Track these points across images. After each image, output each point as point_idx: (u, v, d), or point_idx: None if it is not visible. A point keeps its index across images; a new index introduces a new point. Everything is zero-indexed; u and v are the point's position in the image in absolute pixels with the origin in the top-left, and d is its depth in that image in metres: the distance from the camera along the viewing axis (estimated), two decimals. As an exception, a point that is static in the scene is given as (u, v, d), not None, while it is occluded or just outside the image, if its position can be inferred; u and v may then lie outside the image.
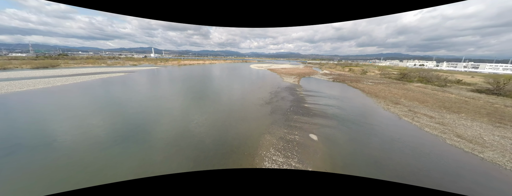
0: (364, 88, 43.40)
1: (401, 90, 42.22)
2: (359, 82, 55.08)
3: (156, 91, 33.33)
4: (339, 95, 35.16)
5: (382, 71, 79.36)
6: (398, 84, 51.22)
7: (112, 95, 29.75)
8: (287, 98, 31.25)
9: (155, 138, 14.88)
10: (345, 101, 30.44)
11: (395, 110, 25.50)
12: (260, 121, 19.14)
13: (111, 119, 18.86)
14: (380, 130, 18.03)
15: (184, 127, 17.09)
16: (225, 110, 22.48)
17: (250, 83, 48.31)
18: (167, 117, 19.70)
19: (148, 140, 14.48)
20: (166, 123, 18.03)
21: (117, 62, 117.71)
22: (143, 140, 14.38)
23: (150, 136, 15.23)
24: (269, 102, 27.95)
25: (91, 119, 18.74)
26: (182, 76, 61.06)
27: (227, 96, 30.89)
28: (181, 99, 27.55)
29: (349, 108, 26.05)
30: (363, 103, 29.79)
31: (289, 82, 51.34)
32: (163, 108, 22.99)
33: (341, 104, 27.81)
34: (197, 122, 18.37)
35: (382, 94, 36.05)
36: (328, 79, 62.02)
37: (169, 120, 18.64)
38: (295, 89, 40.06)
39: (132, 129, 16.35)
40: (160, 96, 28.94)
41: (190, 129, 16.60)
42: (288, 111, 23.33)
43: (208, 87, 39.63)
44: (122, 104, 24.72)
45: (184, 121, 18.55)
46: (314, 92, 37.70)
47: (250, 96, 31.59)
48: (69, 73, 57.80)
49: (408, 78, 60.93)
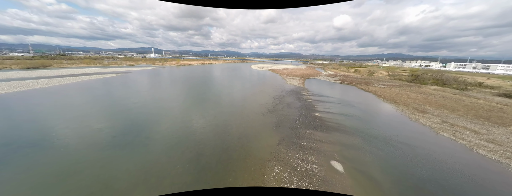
0: (378, 92, 39.07)
1: (419, 94, 37.86)
2: (369, 84, 50.72)
3: (140, 97, 29.20)
4: (352, 100, 30.88)
5: (390, 72, 74.87)
6: (413, 87, 46.83)
7: (86, 102, 25.66)
8: (294, 104, 27.03)
9: (119, 170, 10.70)
10: (361, 108, 26.16)
11: (425, 120, 21.19)
12: (263, 140, 14.91)
13: (61, 139, 14.72)
14: (422, 152, 13.74)
15: (155, 162, 11.61)
16: (219, 124, 18.25)
17: (251, 86, 44.12)
18: (139, 138, 15.50)
19: (109, 170, 10.32)
20: (133, 149, 13.83)
21: (114, 63, 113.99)
22: (99, 173, 10.21)
23: (113, 168, 11.06)
24: (273, 109, 23.74)
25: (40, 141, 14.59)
26: (177, 77, 56.98)
27: (224, 103, 26.70)
28: (166, 108, 23.34)
29: (369, 117, 21.76)
30: (383, 110, 25.50)
31: (293, 85, 47.10)
32: (138, 122, 18.80)
33: (358, 113, 23.53)
34: (178, 147, 14.09)
35: (401, 100, 31.72)
36: (335, 81, 57.71)
37: (141, 144, 14.43)
38: (300, 93, 35.82)
39: (81, 153, 12.18)
40: (141, 105, 24.76)
41: (164, 166, 10.97)
42: (297, 122, 19.10)
43: (203, 92, 35.46)
44: (89, 115, 20.59)
45: (160, 148, 13.18)
46: (323, 96, 33.43)
47: (250, 102, 27.39)
48: (57, 75, 53.87)
49: (421, 80, 56.47)
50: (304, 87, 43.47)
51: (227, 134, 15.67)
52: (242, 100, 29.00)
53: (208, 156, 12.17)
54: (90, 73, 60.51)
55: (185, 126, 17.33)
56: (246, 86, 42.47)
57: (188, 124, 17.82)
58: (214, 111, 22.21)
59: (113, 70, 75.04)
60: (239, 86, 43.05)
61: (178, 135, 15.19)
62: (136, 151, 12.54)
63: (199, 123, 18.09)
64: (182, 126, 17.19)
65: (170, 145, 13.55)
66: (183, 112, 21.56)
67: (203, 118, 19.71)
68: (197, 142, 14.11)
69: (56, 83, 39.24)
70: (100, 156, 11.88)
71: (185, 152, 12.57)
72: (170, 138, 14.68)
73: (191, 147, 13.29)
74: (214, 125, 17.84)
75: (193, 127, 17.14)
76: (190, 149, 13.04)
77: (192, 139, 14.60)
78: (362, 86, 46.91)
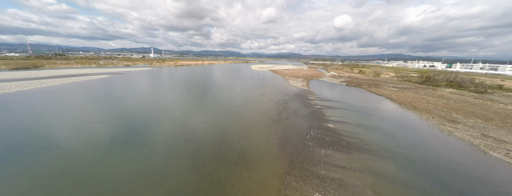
0: (391, 96, 35.44)
1: (437, 98, 34.22)
2: (379, 87, 47.08)
3: (122, 104, 25.66)
4: (366, 106, 27.28)
5: (398, 73, 71.19)
6: (427, 90, 43.17)
7: (60, 109, 22.12)
8: (300, 111, 23.43)
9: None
10: (380, 116, 22.55)
11: (462, 134, 17.57)
12: (267, 166, 11.31)
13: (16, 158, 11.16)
14: (489, 187, 10.12)
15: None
16: (211, 140, 14.68)
17: (251, 88, 40.54)
18: (109, 159, 11.93)
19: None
20: (102, 176, 10.26)
21: (110, 63, 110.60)
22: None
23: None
24: (277, 119, 20.14)
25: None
26: (172, 79, 53.45)
27: (220, 111, 23.11)
28: (150, 118, 19.72)
29: (393, 130, 18.14)
30: (406, 119, 21.87)
31: (297, 87, 43.51)
32: (116, 135, 15.25)
33: (378, 123, 19.92)
34: (155, 182, 10.51)
35: (420, 106, 28.09)
36: (341, 83, 54.09)
37: (110, 169, 10.87)
38: (306, 97, 32.22)
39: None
40: (118, 115, 21.22)
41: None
42: (307, 137, 15.51)
43: (197, 97, 31.90)
44: (57, 126, 17.05)
45: (133, 180, 9.95)
46: (332, 101, 29.83)
47: (251, 109, 23.80)
48: (44, 76, 50.37)
49: (433, 82, 52.79)
50: (309, 90, 39.87)
51: (219, 158, 12.08)
52: (242, 106, 25.41)
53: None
54: (80, 74, 57.01)
55: (164, 144, 13.75)
56: (246, 90, 38.90)
57: (169, 142, 14.24)
58: (207, 122, 18.63)
59: (107, 71, 71.56)
60: (238, 89, 39.48)
61: (152, 166, 11.61)
62: (88, 186, 8.98)
63: (186, 139, 14.51)
64: (160, 146, 13.60)
65: (138, 180, 9.98)
66: (169, 124, 17.98)
67: (191, 132, 16.13)
68: (179, 174, 10.52)
69: (37, 85, 35.73)
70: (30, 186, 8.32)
71: (183, 176, 9.00)
72: (140, 169, 11.11)
73: (185, 170, 9.71)
74: (204, 141, 14.26)
75: (175, 147, 13.55)
76: (164, 186, 9.46)
77: (186, 160, 11.03)
78: (371, 89, 43.27)
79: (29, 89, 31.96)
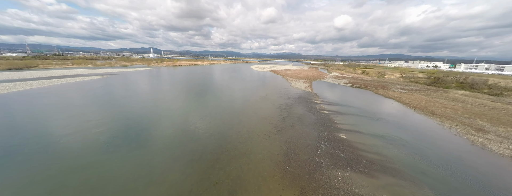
0: (402, 99, 32.89)
1: (451, 102, 31.68)
2: (386, 88, 44.54)
3: (108, 108, 23.17)
4: (377, 111, 24.74)
5: (403, 74, 68.61)
6: (438, 92, 40.62)
7: (30, 115, 19.63)
8: (306, 117, 20.90)
9: None
10: (395, 123, 20.00)
11: (497, 146, 15.04)
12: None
13: None
14: None
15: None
16: (202, 160, 12.17)
17: (252, 90, 38.01)
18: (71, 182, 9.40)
19: None
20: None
21: (107, 63, 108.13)
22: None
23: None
24: (280, 127, 17.62)
25: None
26: (168, 80, 50.95)
27: (216, 119, 20.59)
28: (133, 129, 17.23)
29: (418, 142, 15.59)
30: (427, 128, 19.30)
31: (300, 89, 41.00)
32: (82, 148, 12.76)
33: (396, 132, 17.39)
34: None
35: (437, 110, 25.54)
36: (345, 84, 51.55)
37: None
38: (311, 100, 29.70)
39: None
40: (95, 124, 18.74)
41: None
42: (319, 153, 12.99)
43: (192, 100, 29.39)
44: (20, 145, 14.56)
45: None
46: (340, 105, 27.29)
47: (251, 115, 21.27)
48: (33, 77, 47.91)
49: (442, 84, 50.23)
50: (313, 93, 37.33)
51: (210, 186, 9.55)
52: (241, 111, 22.88)
53: None
54: (72, 75, 54.51)
55: (144, 166, 11.24)
56: (246, 92, 36.38)
57: (151, 159, 11.72)
58: (200, 134, 16.12)
59: (102, 71, 69.11)
60: (237, 91, 36.96)
61: (167, 174, 9.10)
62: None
63: (170, 158, 11.99)
64: (141, 168, 11.09)
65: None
66: (153, 137, 15.47)
67: (178, 147, 13.62)
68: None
69: (21, 88, 33.24)
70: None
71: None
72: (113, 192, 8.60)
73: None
74: (193, 160, 11.75)
75: (181, 158, 11.04)
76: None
77: (171, 185, 8.52)
78: (379, 91, 40.73)
79: (10, 92, 29.46)
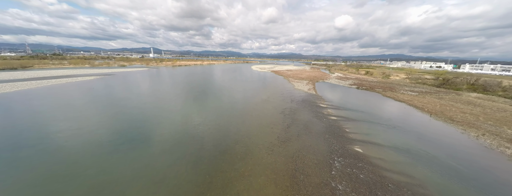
0: (414, 102, 30.55)
1: (467, 106, 29.33)
2: (394, 90, 42.18)
3: (87, 117, 21.01)
4: (390, 116, 22.44)
5: (409, 75, 66.16)
6: (450, 95, 38.24)
7: (8, 118, 17.47)
8: (313, 124, 18.63)
9: None
10: (415, 132, 17.70)
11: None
12: None
13: None
14: None
15: None
16: (189, 185, 9.96)
17: (252, 93, 35.77)
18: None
19: None
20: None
21: (105, 63, 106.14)
22: None
23: None
24: (285, 138, 15.36)
25: None
26: (165, 81, 48.77)
27: (210, 125, 18.38)
28: (110, 143, 15.04)
29: (448, 158, 13.30)
30: (451, 137, 16.99)
31: (303, 91, 38.72)
32: (47, 161, 10.55)
33: (419, 144, 15.10)
34: None
35: (456, 116, 23.21)
36: (350, 86, 49.21)
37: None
38: (316, 104, 27.42)
39: None
40: (71, 134, 16.56)
41: None
42: (333, 174, 10.74)
43: (187, 105, 27.18)
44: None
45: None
46: (348, 110, 24.99)
47: (251, 122, 19.02)
48: (24, 77, 45.84)
49: (452, 85, 47.81)
50: (317, 95, 35.04)
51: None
52: (240, 118, 20.64)
53: None
54: (66, 75, 52.41)
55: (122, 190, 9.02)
56: (247, 94, 34.14)
57: (128, 181, 9.50)
58: (190, 147, 13.89)
59: (98, 71, 67.05)
60: (236, 94, 34.73)
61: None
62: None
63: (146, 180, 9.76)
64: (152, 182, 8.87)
65: None
66: (137, 152, 13.26)
67: (161, 170, 11.39)
68: None
69: (7, 89, 31.15)
70: None
71: None
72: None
73: None
74: (177, 186, 9.52)
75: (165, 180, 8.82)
76: None
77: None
78: (387, 94, 38.38)
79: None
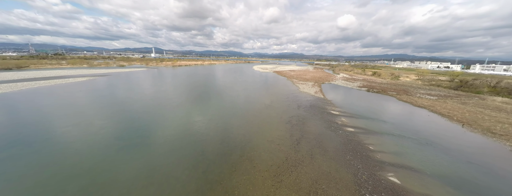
0: (436, 108, 27.08)
1: (499, 113, 25.76)
2: (409, 94, 38.61)
3: (69, 126, 18.06)
4: (417, 128, 19.08)
5: (421, 76, 62.31)
6: (472, 99, 34.56)
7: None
8: (328, 139, 15.38)
9: None
10: (455, 150, 14.35)
11: None
12: None
13: None
14: None
15: None
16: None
17: (254, 96, 32.61)
18: None
19: None
20: None
21: (104, 63, 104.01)
22: None
23: None
24: (295, 161, 12.16)
25: None
26: (160, 83, 45.86)
27: (204, 141, 15.25)
28: (89, 157, 11.99)
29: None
30: (509, 161, 13.60)
31: (310, 94, 35.42)
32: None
33: (469, 170, 11.79)
34: None
35: (493, 127, 19.74)
36: (359, 88, 45.73)
37: None
38: (327, 111, 24.14)
39: None
40: (31, 152, 13.57)
41: None
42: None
43: (179, 113, 24.12)
44: None
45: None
46: (365, 118, 21.65)
47: (251, 137, 15.85)
48: (14, 79, 43.38)
49: (471, 88, 44.02)
50: (326, 99, 31.71)
51: None
52: (239, 130, 17.48)
53: None
54: (59, 76, 49.89)
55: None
56: (248, 99, 30.99)
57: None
58: (173, 173, 10.78)
59: (94, 72, 64.61)
60: (236, 98, 31.59)
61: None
62: None
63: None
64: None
65: None
66: (104, 183, 10.19)
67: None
68: None
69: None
70: None
71: None
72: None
73: None
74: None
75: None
76: None
77: None
78: (403, 97, 34.87)
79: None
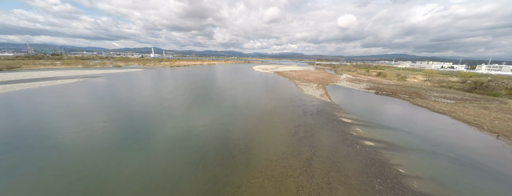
0: (458, 115, 24.15)
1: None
2: (422, 97, 35.64)
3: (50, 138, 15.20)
4: (445, 141, 16.17)
5: (430, 77, 59.31)
6: (493, 103, 31.58)
7: None
8: (345, 158, 12.48)
9: None
10: (506, 174, 11.43)
11: None
12: None
13: None
14: None
15: None
16: None
17: (254, 101, 29.71)
18: None
19: None
20: None
21: (101, 64, 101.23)
22: None
23: None
24: (310, 191, 9.24)
25: None
26: (155, 85, 42.99)
27: (193, 164, 12.37)
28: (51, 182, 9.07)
29: None
30: None
31: (315, 98, 32.50)
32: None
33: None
34: None
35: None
36: (367, 90, 42.79)
37: None
38: (337, 118, 21.21)
39: None
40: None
41: None
42: None
43: (169, 123, 21.26)
44: None
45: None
46: (382, 128, 18.72)
47: (251, 157, 12.96)
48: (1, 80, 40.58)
49: (488, 90, 41.02)
50: (333, 104, 28.78)
51: None
52: (236, 147, 14.57)
53: None
54: (47, 77, 47.12)
55: None
56: (248, 104, 28.08)
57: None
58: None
59: (87, 73, 61.82)
60: (236, 103, 28.69)
61: None
62: None
63: None
64: None
65: None
66: None
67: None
68: None
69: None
70: None
71: None
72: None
73: None
74: None
75: None
76: None
77: None
78: (417, 101, 31.90)
79: None
